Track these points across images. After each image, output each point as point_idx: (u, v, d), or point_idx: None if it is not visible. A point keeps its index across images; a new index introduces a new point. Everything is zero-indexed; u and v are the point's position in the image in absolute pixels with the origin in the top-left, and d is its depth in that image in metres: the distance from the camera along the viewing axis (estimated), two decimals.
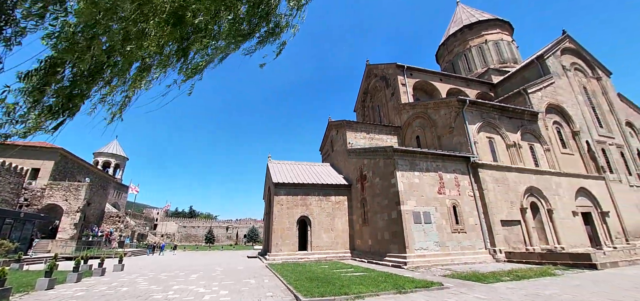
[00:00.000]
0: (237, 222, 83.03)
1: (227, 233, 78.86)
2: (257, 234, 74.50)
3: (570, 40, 27.53)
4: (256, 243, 67.40)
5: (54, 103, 3.76)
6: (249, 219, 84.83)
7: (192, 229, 77.20)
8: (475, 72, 34.45)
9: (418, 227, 15.27)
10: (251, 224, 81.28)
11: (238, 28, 5.06)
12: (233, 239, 77.94)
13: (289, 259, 18.88)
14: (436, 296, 8.07)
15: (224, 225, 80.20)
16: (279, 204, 20.34)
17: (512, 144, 19.63)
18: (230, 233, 79.03)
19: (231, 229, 79.75)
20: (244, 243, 75.51)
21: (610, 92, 26.78)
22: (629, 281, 9.48)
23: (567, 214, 18.50)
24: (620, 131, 24.86)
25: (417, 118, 23.90)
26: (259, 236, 73.59)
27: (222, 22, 5.02)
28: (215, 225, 79.73)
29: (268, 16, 5.11)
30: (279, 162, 25.40)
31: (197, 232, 76.91)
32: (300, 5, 5.15)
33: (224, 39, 5.15)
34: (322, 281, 10.30)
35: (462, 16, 40.19)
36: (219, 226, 79.53)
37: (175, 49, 4.71)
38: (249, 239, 74.88)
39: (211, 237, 73.64)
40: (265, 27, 5.11)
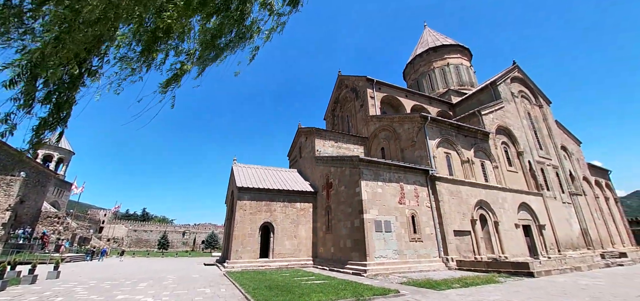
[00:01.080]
0: (196, 227, 78.34)
1: (184, 238, 74.01)
2: (216, 241, 70.93)
3: (519, 70, 30.80)
4: (215, 250, 64.14)
5: (48, 115, 3.92)
6: (209, 224, 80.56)
7: (143, 233, 71.17)
8: (438, 92, 36.92)
9: (379, 235, 15.69)
10: (211, 229, 77.21)
11: (214, 42, 4.85)
12: (190, 245, 73.30)
13: (249, 266, 18.19)
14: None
15: (180, 230, 75.11)
16: (241, 209, 19.61)
17: (466, 160, 21.21)
18: (187, 239, 74.27)
19: (188, 234, 74.97)
20: (202, 249, 71.33)
21: (549, 118, 30.31)
22: (559, 287, 10.57)
23: (510, 226, 20.32)
24: (557, 153, 28.18)
25: (383, 130, 24.81)
26: (218, 242, 70.14)
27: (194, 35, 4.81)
28: (171, 230, 74.36)
29: (242, 28, 4.95)
30: (245, 166, 24.61)
31: (150, 237, 71.08)
32: (280, 23, 5.08)
33: (200, 48, 4.90)
34: (281, 290, 10.04)
35: (428, 39, 43.09)
36: (174, 231, 74.29)
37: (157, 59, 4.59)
38: (207, 245, 70.89)
39: (165, 243, 68.42)
40: (235, 32, 4.95)
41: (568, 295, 9.12)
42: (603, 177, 33.57)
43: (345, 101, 33.43)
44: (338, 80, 34.97)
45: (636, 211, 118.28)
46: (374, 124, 26.21)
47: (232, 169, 23.81)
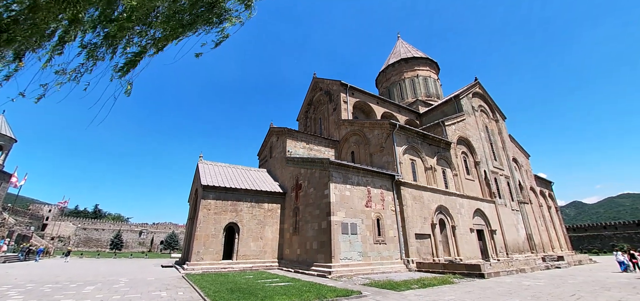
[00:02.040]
0: (154, 226, 73.37)
1: (141, 238, 69.02)
2: (176, 241, 67.10)
3: (480, 86, 33.22)
4: (175, 251, 60.70)
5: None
6: (169, 223, 75.94)
7: (94, 232, 65.21)
8: (407, 101, 38.59)
9: (345, 237, 15.93)
10: (171, 229, 72.85)
11: (179, 19, 4.62)
12: (147, 246, 68.51)
13: (211, 269, 17.45)
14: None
15: (136, 229, 69.83)
16: (205, 208, 18.78)
17: (430, 167, 22.37)
18: (144, 239, 69.36)
19: (146, 234, 70.05)
20: (160, 250, 67.02)
21: (504, 132, 33.05)
22: (505, 287, 11.51)
23: (466, 230, 21.77)
24: (509, 165, 30.79)
25: (354, 135, 25.31)
26: (179, 243, 66.46)
27: (159, 10, 4.53)
28: (126, 229, 68.85)
29: (213, 8, 4.76)
30: (211, 163, 23.64)
31: (101, 236, 65.32)
32: (248, 4, 4.95)
33: (161, 28, 4.62)
34: (244, 293, 9.76)
35: (401, 50, 44.94)
36: (130, 231, 68.94)
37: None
38: (166, 246, 66.70)
39: (119, 242, 63.27)
40: (204, 13, 4.73)
41: (513, 294, 9.96)
42: (547, 188, 37.34)
43: (319, 103, 33.61)
44: (313, 82, 35.07)
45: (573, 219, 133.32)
46: (345, 128, 26.64)
47: (197, 167, 22.75)
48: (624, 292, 10.00)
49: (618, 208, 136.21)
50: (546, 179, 37.86)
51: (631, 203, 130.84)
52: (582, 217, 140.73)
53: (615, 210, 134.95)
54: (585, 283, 12.34)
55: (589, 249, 51.51)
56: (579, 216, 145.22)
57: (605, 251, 48.82)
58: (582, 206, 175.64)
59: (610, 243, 50.81)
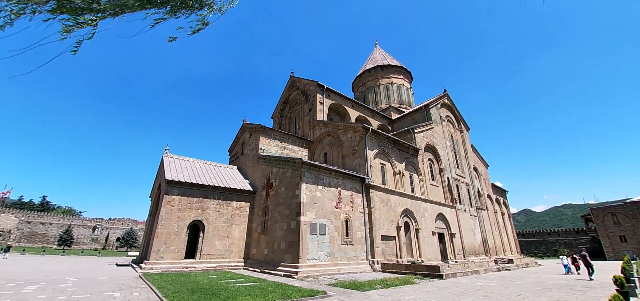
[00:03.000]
0: (110, 222, 67.99)
1: (94, 234, 63.65)
2: (135, 239, 62.78)
3: (448, 98, 35.16)
4: (133, 249, 56.85)
5: None
6: (127, 219, 70.86)
7: (40, 226, 58.95)
8: (380, 107, 39.75)
9: (313, 238, 16.01)
10: (129, 225, 68.02)
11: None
12: (101, 242, 63.35)
13: (172, 268, 16.61)
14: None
15: (90, 224, 64.16)
16: (169, 204, 17.83)
17: (398, 172, 23.23)
18: (98, 235, 64.05)
19: (100, 230, 64.69)
20: (116, 248, 62.29)
21: (467, 142, 35.30)
22: (460, 288, 12.27)
23: (428, 233, 22.92)
24: (469, 173, 32.95)
25: (328, 136, 25.54)
26: (137, 240, 62.30)
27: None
28: (78, 223, 62.97)
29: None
30: (178, 157, 22.51)
31: (49, 231, 59.24)
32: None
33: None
34: (206, 294, 9.42)
35: (378, 57, 46.21)
36: (82, 225, 63.16)
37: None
38: (123, 243, 61.99)
39: (68, 238, 57.72)
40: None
41: (467, 294, 10.65)
42: (502, 196, 40.52)
43: (294, 102, 33.45)
44: (290, 81, 34.83)
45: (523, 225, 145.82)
46: (320, 129, 26.79)
47: (162, 160, 21.53)
48: (563, 292, 11.12)
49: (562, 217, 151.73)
50: (502, 187, 41.07)
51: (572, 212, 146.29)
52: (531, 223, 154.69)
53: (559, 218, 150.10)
54: (531, 284, 13.54)
55: (535, 253, 56.71)
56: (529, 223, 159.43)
57: (549, 255, 54.10)
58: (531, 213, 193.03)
59: (554, 248, 56.45)
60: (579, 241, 54.30)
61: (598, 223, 49.75)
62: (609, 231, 48.24)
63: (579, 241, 54.36)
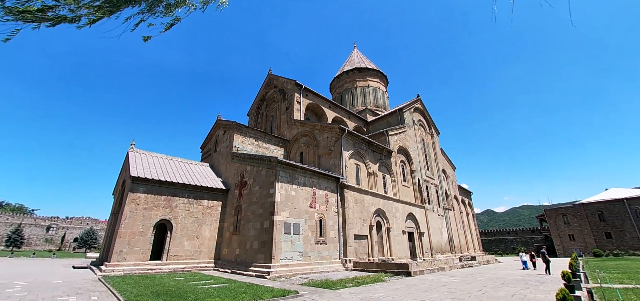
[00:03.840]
0: (67, 221, 62.69)
1: (48, 234, 58.37)
2: (95, 239, 58.39)
3: (421, 103, 36.59)
4: (93, 250, 52.95)
5: None
6: (87, 218, 65.80)
7: None
8: (357, 108, 40.47)
9: (287, 237, 15.94)
10: (89, 225, 63.19)
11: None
12: (57, 243, 58.25)
13: (136, 270, 15.70)
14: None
15: (43, 224, 58.67)
16: (134, 202, 16.82)
17: (372, 173, 23.81)
18: (53, 235, 58.83)
19: (56, 229, 59.45)
20: (74, 249, 57.58)
21: (437, 146, 37.01)
22: (427, 284, 12.86)
23: (399, 232, 23.75)
24: (438, 175, 34.58)
25: (304, 136, 25.53)
26: (98, 241, 58.04)
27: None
28: (29, 222, 57.40)
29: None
30: (145, 153, 21.30)
31: None
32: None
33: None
34: (172, 296, 9.02)
35: (356, 59, 46.96)
36: (34, 225, 57.64)
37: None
38: (81, 244, 57.34)
39: (18, 238, 52.44)
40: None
41: (433, 290, 11.18)
42: (467, 197, 43.00)
43: (271, 100, 33.04)
44: (267, 78, 34.34)
45: (486, 225, 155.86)
46: (296, 128, 26.70)
47: (127, 155, 20.26)
48: (518, 287, 12.04)
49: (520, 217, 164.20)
50: (467, 189, 43.55)
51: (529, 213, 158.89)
52: (492, 223, 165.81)
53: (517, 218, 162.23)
54: (490, 280, 14.51)
55: (495, 251, 60.83)
56: (491, 222, 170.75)
57: (508, 253, 58.30)
58: (493, 213, 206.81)
59: (512, 246, 60.93)
60: (534, 240, 59.14)
61: (551, 222, 54.51)
62: (560, 230, 53.05)
63: (534, 240, 59.18)
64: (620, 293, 9.67)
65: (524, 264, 21.71)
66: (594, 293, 9.27)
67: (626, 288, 10.96)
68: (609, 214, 48.61)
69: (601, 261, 30.70)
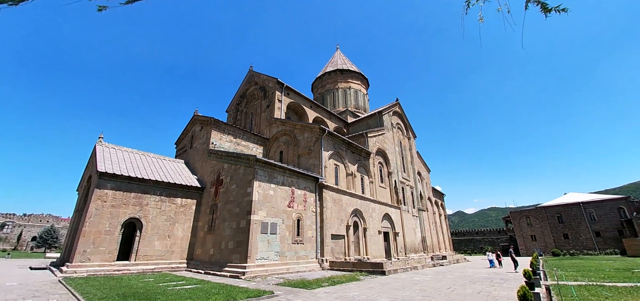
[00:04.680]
0: (24, 218, 57.87)
1: (3, 232, 53.58)
2: (56, 238, 54.27)
3: (399, 106, 37.59)
4: (54, 250, 49.27)
5: None
6: (47, 215, 61.08)
7: None
8: (338, 109, 40.83)
9: (263, 237, 15.78)
10: (50, 222, 58.71)
11: None
12: (12, 242, 53.58)
13: (101, 271, 14.84)
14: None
15: None
16: (100, 199, 15.87)
17: (350, 173, 24.16)
18: (8, 234, 54.06)
19: (11, 227, 54.63)
20: (31, 248, 53.19)
21: (413, 149, 38.21)
22: (400, 283, 13.27)
23: (375, 232, 24.28)
24: (414, 177, 35.74)
25: (284, 135, 25.37)
26: (59, 240, 54.07)
27: None
28: None
29: None
30: (114, 147, 20.17)
31: None
32: None
33: None
34: (139, 298, 8.64)
35: (338, 61, 47.32)
36: None
37: None
38: (40, 243, 53.04)
39: None
40: None
41: (405, 288, 11.56)
42: (440, 198, 44.82)
43: (252, 97, 32.49)
44: (248, 75, 33.74)
45: (457, 225, 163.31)
46: (277, 127, 26.47)
47: (94, 149, 19.08)
48: (484, 285, 12.73)
49: (488, 218, 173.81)
50: (440, 191, 45.38)
51: (496, 215, 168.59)
52: (463, 224, 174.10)
53: (486, 219, 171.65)
54: (459, 278, 15.24)
55: (465, 250, 63.88)
56: (461, 223, 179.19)
57: (476, 252, 61.40)
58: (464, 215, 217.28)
59: (480, 246, 64.28)
60: (500, 240, 62.78)
61: (515, 224, 58.14)
62: (523, 231, 56.72)
63: (500, 240, 62.83)
64: (575, 289, 10.55)
65: (491, 263, 23.04)
66: (552, 290, 10.02)
67: (580, 285, 11.93)
68: (567, 216, 52.70)
69: (559, 260, 33.20)
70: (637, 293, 9.65)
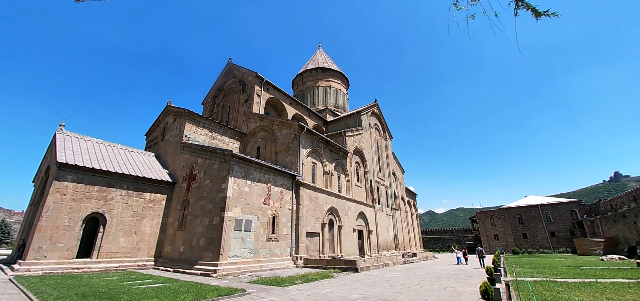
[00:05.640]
0: None
1: None
2: (7, 233, 49.37)
3: (377, 107, 38.38)
4: (4, 246, 45.03)
5: None
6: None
7: None
8: (317, 108, 40.90)
9: (237, 234, 15.51)
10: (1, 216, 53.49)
11: None
12: None
13: (58, 269, 13.83)
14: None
15: None
16: (59, 192, 14.75)
17: (328, 172, 24.38)
18: None
19: None
20: None
21: (389, 150, 39.27)
22: (372, 279, 13.66)
23: (349, 230, 24.74)
24: (389, 177, 36.78)
25: (263, 130, 25.02)
26: (12, 235, 49.36)
27: None
28: None
29: None
30: (77, 136, 18.79)
31: None
32: None
33: None
34: (101, 298, 8.17)
35: (320, 58, 47.32)
36: None
37: None
38: None
39: None
40: None
41: (376, 284, 11.92)
42: (412, 198, 46.52)
43: (230, 91, 31.66)
44: (227, 67, 32.83)
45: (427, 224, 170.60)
46: (255, 122, 26.04)
47: (54, 138, 17.66)
48: (451, 281, 13.43)
49: (456, 218, 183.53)
50: (413, 191, 47.10)
51: (464, 215, 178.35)
52: (433, 223, 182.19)
53: (454, 219, 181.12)
54: (428, 274, 15.95)
55: (434, 248, 66.88)
56: (431, 222, 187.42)
57: (444, 250, 64.51)
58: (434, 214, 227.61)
59: (448, 244, 67.61)
60: (467, 238, 66.43)
61: (480, 224, 61.76)
62: (487, 230, 60.41)
63: (466, 238, 66.46)
64: (531, 285, 11.46)
65: (458, 260, 24.38)
66: (511, 286, 10.82)
67: (535, 281, 12.98)
68: (526, 217, 56.85)
69: (518, 258, 35.77)
70: (584, 288, 10.69)
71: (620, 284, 11.55)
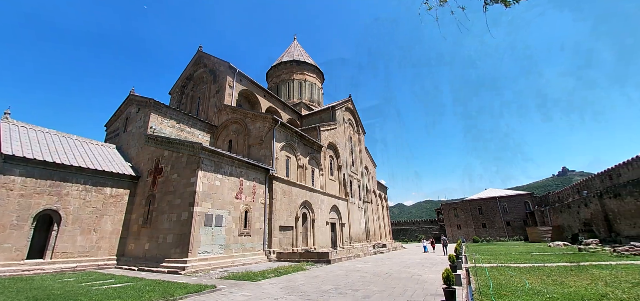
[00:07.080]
0: None
1: None
2: None
3: (351, 103, 39.00)
4: None
5: None
6: None
7: None
8: (292, 101, 40.58)
9: (207, 230, 15.13)
10: None
11: None
12: None
13: (6, 272, 12.57)
14: (206, 299, 8.15)
15: None
16: (5, 187, 13.32)
17: (302, 166, 24.46)
18: None
19: None
20: None
21: (362, 144, 40.21)
22: (343, 270, 14.10)
23: (322, 223, 25.16)
24: (361, 171, 37.77)
25: (235, 123, 24.38)
26: None
27: None
28: None
29: None
30: (25, 125, 17.00)
31: None
32: None
33: None
34: None
35: (295, 51, 46.74)
36: None
37: None
38: None
39: None
40: None
41: (348, 275, 12.33)
42: (383, 191, 48.27)
43: (200, 80, 30.31)
44: (197, 55, 31.31)
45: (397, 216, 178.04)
46: (227, 114, 25.27)
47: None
48: (417, 269, 14.27)
49: (423, 210, 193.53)
50: (384, 184, 48.84)
51: (430, 207, 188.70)
52: (402, 215, 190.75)
53: (421, 211, 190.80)
54: (397, 264, 16.78)
55: (403, 238, 70.16)
56: (401, 214, 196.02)
57: (412, 240, 67.93)
58: (403, 206, 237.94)
59: (415, 234, 71.26)
60: (432, 229, 70.46)
61: (445, 215, 65.78)
62: (451, 221, 64.53)
63: (432, 229, 70.49)
64: (488, 270, 12.54)
65: (425, 248, 25.95)
66: (470, 271, 11.76)
67: (492, 266, 14.22)
68: (486, 208, 61.55)
69: (478, 246, 38.75)
70: (534, 272, 11.90)
71: (564, 267, 13.03)
